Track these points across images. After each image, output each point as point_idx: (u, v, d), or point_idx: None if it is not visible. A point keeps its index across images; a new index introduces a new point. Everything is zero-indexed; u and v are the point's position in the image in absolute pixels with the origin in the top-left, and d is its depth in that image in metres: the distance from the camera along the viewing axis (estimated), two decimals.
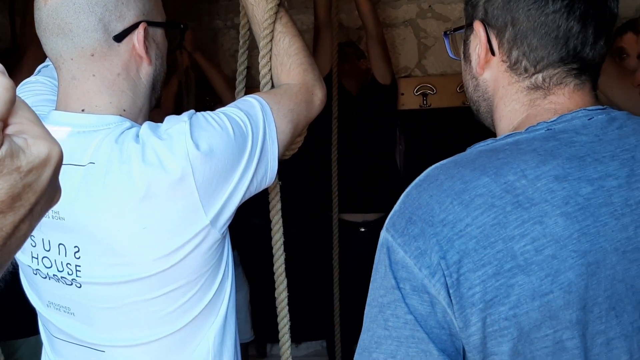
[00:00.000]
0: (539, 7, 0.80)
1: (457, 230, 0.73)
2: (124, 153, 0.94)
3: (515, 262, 0.72)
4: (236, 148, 0.99)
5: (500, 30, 0.83)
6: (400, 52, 3.40)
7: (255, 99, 1.09)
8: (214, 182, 0.96)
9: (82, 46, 0.98)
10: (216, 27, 3.45)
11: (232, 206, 1.01)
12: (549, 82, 0.82)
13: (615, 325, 0.75)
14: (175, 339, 1.04)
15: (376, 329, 0.78)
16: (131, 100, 1.02)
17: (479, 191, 0.74)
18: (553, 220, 0.73)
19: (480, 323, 0.73)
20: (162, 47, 1.08)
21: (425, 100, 3.34)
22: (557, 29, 0.79)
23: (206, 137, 0.96)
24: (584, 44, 0.80)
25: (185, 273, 1.00)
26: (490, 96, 0.88)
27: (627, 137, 0.80)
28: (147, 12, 1.03)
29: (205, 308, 1.05)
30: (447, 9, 3.34)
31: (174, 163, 0.93)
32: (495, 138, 0.83)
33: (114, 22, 0.98)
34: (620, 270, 0.75)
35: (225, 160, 0.98)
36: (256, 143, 1.03)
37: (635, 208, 0.76)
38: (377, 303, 0.79)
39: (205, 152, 0.95)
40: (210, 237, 0.99)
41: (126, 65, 1.01)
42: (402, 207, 0.79)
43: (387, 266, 0.78)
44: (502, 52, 0.84)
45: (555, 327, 0.72)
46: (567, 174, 0.75)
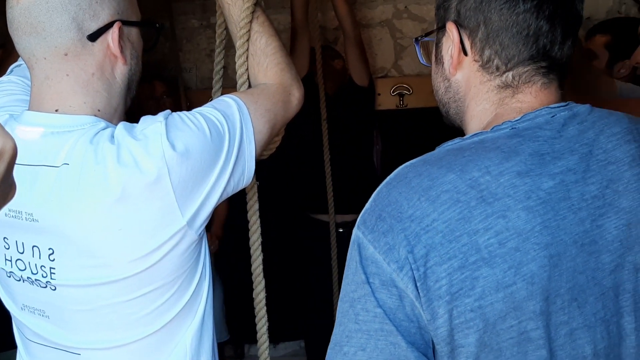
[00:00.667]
0: (510, 7, 0.82)
1: (424, 225, 0.76)
2: (99, 154, 0.93)
3: (479, 255, 0.74)
4: (213, 148, 0.99)
5: (472, 30, 0.85)
6: (376, 53, 3.42)
7: (232, 98, 1.09)
8: (190, 183, 0.96)
9: (55, 45, 0.97)
10: (192, 27, 3.43)
11: (209, 207, 1.01)
12: (518, 81, 0.85)
13: (578, 316, 0.78)
14: (152, 341, 1.03)
15: (347, 323, 0.80)
16: (106, 100, 1.01)
17: (445, 187, 0.77)
18: (515, 214, 0.76)
19: (447, 315, 0.75)
20: (138, 47, 1.07)
21: (402, 100, 3.36)
22: (527, 28, 0.82)
23: (182, 137, 0.96)
24: (552, 42, 0.83)
25: (162, 275, 0.99)
26: (462, 97, 0.90)
27: (586, 132, 0.82)
28: (121, 12, 1.02)
29: (183, 309, 1.04)
30: (423, 9, 3.37)
31: (149, 164, 0.92)
32: (462, 137, 0.85)
33: (88, 21, 0.97)
34: (580, 263, 0.78)
35: (202, 161, 0.97)
36: (233, 143, 1.03)
37: (591, 202, 0.79)
38: (348, 298, 0.81)
39: (181, 152, 0.94)
40: (187, 238, 0.99)
41: (101, 65, 1.00)
42: (372, 205, 0.82)
43: (358, 262, 0.80)
44: (474, 52, 0.86)
45: (520, 317, 0.75)
46: (529, 170, 0.78)
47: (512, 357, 0.76)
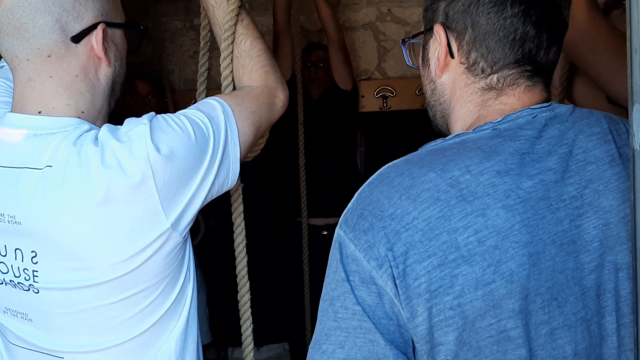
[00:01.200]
0: (498, 11, 0.83)
1: (405, 224, 0.76)
2: (83, 156, 0.93)
3: (459, 253, 0.75)
4: (197, 151, 0.99)
5: (460, 33, 0.86)
6: (360, 55, 3.43)
7: (217, 100, 1.08)
8: (174, 186, 0.95)
9: (38, 47, 0.96)
10: (175, 28, 3.41)
11: (193, 209, 1.01)
12: (503, 83, 0.86)
13: (558, 315, 0.78)
14: (136, 343, 1.03)
15: (326, 321, 0.81)
16: (89, 102, 1.01)
17: (425, 186, 0.78)
18: (495, 213, 0.76)
19: (426, 313, 0.75)
20: (122, 49, 1.06)
21: (385, 102, 3.38)
22: (514, 32, 0.83)
23: (167, 139, 0.96)
24: (538, 47, 0.84)
25: (146, 277, 0.98)
26: (447, 99, 0.91)
27: (566, 132, 0.83)
28: (105, 13, 1.01)
29: (167, 312, 1.04)
30: (406, 12, 3.39)
31: (133, 166, 0.92)
32: (444, 138, 0.86)
33: (72, 23, 0.97)
34: (559, 262, 0.78)
35: (187, 163, 0.97)
36: (218, 145, 1.03)
37: (569, 202, 0.80)
38: (328, 297, 0.82)
39: (165, 155, 0.94)
40: (171, 241, 0.99)
41: (84, 67, 0.99)
42: (354, 204, 0.82)
43: (339, 260, 0.80)
44: (461, 54, 0.87)
45: (499, 316, 0.76)
46: (509, 169, 0.79)
47: (492, 355, 0.77)
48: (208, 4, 1.21)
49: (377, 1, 3.41)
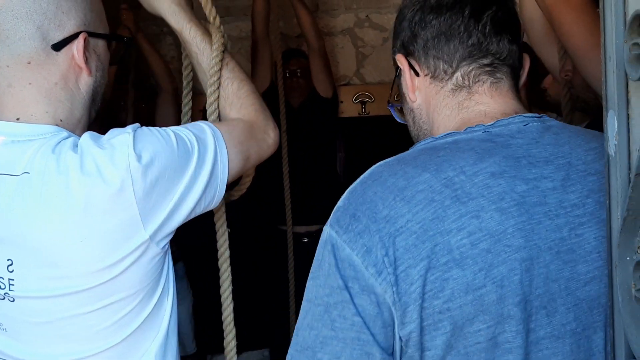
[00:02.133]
0: (437, 15, 0.88)
1: (399, 227, 0.76)
2: (61, 163, 0.92)
3: (451, 255, 0.74)
4: (179, 163, 0.98)
5: (416, 51, 0.91)
6: (339, 61, 3.44)
7: (207, 124, 1.07)
8: (153, 196, 0.94)
9: (18, 53, 0.95)
10: (152, 33, 3.39)
11: (173, 223, 1.00)
12: (469, 80, 0.88)
13: (546, 325, 0.77)
14: (112, 354, 1.01)
15: (321, 329, 0.78)
16: (69, 110, 1.00)
17: (420, 187, 0.77)
18: (489, 215, 0.76)
19: (418, 319, 0.75)
20: (104, 59, 1.06)
21: (364, 108, 3.39)
22: (457, 27, 0.87)
23: (149, 149, 0.95)
24: (485, 36, 0.87)
25: (124, 287, 0.97)
26: (425, 117, 0.92)
27: (561, 146, 0.84)
28: (88, 23, 1.01)
29: (144, 323, 1.02)
30: (384, 19, 3.41)
31: (113, 173, 0.91)
32: (435, 136, 0.87)
33: (53, 31, 0.96)
34: (553, 270, 0.77)
35: (167, 175, 0.96)
36: (203, 163, 1.01)
37: (570, 210, 0.79)
38: (321, 302, 0.79)
39: (146, 164, 0.93)
40: (149, 252, 0.97)
41: (64, 75, 0.99)
42: (346, 203, 0.81)
43: (333, 265, 0.78)
44: (422, 68, 0.90)
45: (488, 322, 0.75)
46: (504, 171, 0.79)
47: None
48: (191, 50, 1.19)
49: (355, 7, 3.43)
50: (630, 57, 0.64)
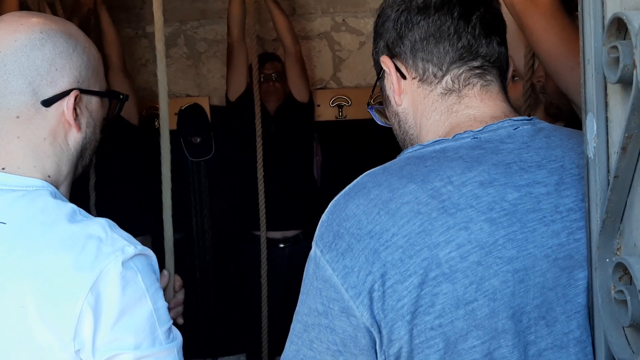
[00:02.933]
0: (425, 17, 0.85)
1: (383, 242, 0.73)
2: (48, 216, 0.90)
3: (440, 270, 0.71)
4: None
5: (403, 52, 0.87)
6: (315, 64, 3.44)
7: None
8: (101, 332, 0.87)
9: (7, 107, 0.95)
10: (127, 36, 3.35)
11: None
12: (458, 84, 0.85)
13: (547, 335, 0.75)
14: None
15: (301, 347, 0.78)
16: (56, 166, 0.99)
17: (405, 199, 0.75)
18: (478, 226, 0.73)
19: (407, 336, 0.72)
20: (96, 116, 1.04)
21: (341, 111, 3.39)
22: (447, 29, 0.85)
23: (128, 288, 0.89)
24: (475, 38, 0.85)
25: None
26: (412, 122, 0.89)
27: (553, 149, 0.82)
28: (82, 80, 1.00)
29: None
30: (361, 22, 3.42)
31: (89, 267, 0.87)
32: (423, 144, 0.84)
33: (45, 87, 0.96)
34: (550, 278, 0.74)
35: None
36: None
37: (567, 215, 0.77)
38: (301, 319, 0.79)
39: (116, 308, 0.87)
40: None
41: (53, 131, 0.98)
42: (329, 218, 0.78)
43: (314, 284, 0.77)
44: (410, 71, 0.87)
45: (482, 337, 0.72)
46: (493, 180, 0.76)
47: None
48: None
49: (332, 11, 3.43)
50: (608, 60, 0.64)
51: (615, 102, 0.67)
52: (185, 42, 3.46)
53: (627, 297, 0.63)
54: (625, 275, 0.65)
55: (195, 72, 3.46)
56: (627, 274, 0.64)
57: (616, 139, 0.66)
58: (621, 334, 0.67)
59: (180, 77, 3.42)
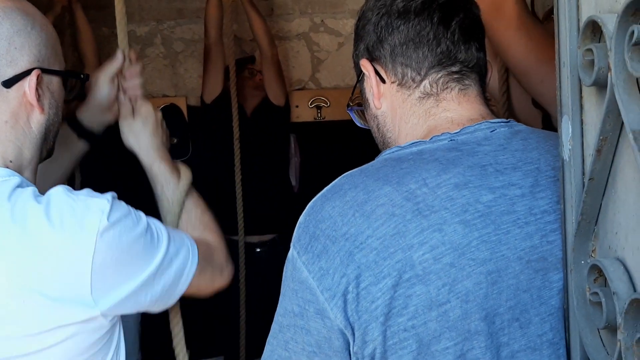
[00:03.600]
0: (405, 21, 0.86)
1: (358, 243, 0.73)
2: (17, 212, 0.87)
3: (413, 271, 0.72)
4: (144, 252, 0.94)
5: (382, 56, 0.88)
6: (294, 65, 3.43)
7: (188, 238, 1.04)
8: (110, 274, 0.89)
9: None
10: (103, 35, 3.30)
11: (127, 309, 0.94)
12: (437, 88, 0.86)
13: (520, 337, 0.75)
14: None
15: (276, 347, 0.79)
16: (18, 150, 0.95)
17: (380, 201, 0.75)
18: (452, 228, 0.73)
19: (381, 337, 0.72)
20: (58, 96, 1.01)
21: (320, 112, 3.38)
22: (426, 34, 0.85)
23: (120, 225, 0.90)
24: (454, 44, 0.85)
25: (63, 357, 0.90)
26: (390, 125, 0.90)
27: (530, 151, 0.83)
28: (42, 59, 0.96)
29: None
30: (339, 24, 3.42)
31: (78, 234, 0.87)
32: (401, 145, 0.84)
33: (4, 67, 0.92)
34: (524, 280, 0.75)
35: (130, 258, 0.92)
36: (168, 265, 0.97)
37: (541, 217, 0.78)
38: (278, 320, 0.80)
39: (112, 238, 0.89)
40: (95, 324, 0.91)
41: (15, 113, 0.94)
42: (306, 219, 0.79)
43: (290, 286, 0.78)
44: (389, 75, 0.88)
45: (455, 339, 0.72)
46: (468, 182, 0.77)
47: None
48: (157, 182, 1.20)
49: (310, 12, 3.43)
50: (583, 63, 0.65)
51: (590, 105, 0.67)
52: (162, 42, 3.42)
53: (601, 299, 0.63)
54: (600, 277, 0.65)
55: (172, 72, 3.43)
56: (601, 275, 0.65)
57: (591, 141, 0.66)
58: (596, 336, 0.68)
59: (157, 77, 3.39)
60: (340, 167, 0.96)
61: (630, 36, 0.55)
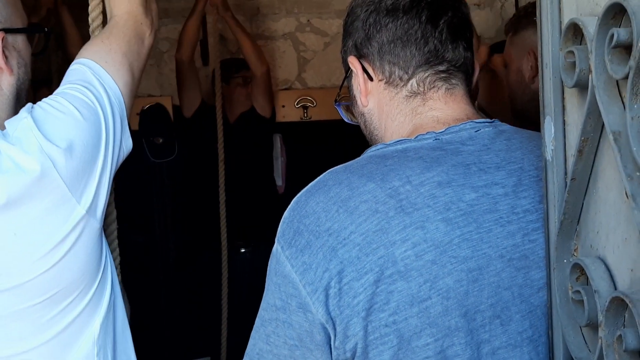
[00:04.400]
0: (393, 19, 0.86)
1: (341, 239, 0.74)
2: None
3: (395, 268, 0.73)
4: (92, 129, 0.94)
5: (370, 54, 0.88)
6: (280, 65, 3.43)
7: (82, 64, 1.01)
8: (80, 172, 0.91)
9: None
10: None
11: (104, 188, 0.96)
12: (424, 87, 0.86)
13: (501, 334, 0.76)
14: (61, 339, 0.96)
15: (257, 340, 0.80)
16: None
17: (364, 197, 0.76)
18: (434, 226, 0.74)
19: (362, 332, 0.73)
20: (25, 54, 1.00)
21: (306, 112, 3.38)
22: (414, 33, 0.86)
23: (55, 127, 0.91)
24: (442, 43, 0.86)
25: (70, 272, 0.93)
26: (377, 123, 0.90)
27: (514, 151, 0.84)
28: (4, 19, 0.95)
29: (91, 302, 0.98)
30: (325, 23, 3.42)
31: (30, 161, 0.88)
32: (386, 143, 0.85)
33: None
34: (505, 278, 0.76)
35: (86, 147, 0.92)
36: (106, 111, 0.97)
37: (523, 216, 0.79)
38: (260, 314, 0.80)
39: (58, 142, 0.90)
40: (90, 227, 0.94)
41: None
42: (291, 214, 0.79)
43: (273, 280, 0.79)
44: (377, 73, 0.88)
45: (436, 335, 0.73)
46: (451, 180, 0.77)
47: None
48: None
49: (297, 12, 3.43)
50: (565, 65, 0.66)
51: (572, 106, 0.68)
52: None
53: (583, 297, 0.64)
54: (582, 275, 0.66)
55: (157, 71, 3.41)
56: (583, 274, 0.66)
57: (573, 141, 0.67)
58: (579, 333, 0.69)
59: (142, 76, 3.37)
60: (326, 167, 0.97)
61: (610, 39, 0.56)
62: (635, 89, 0.54)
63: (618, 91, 0.59)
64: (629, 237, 0.59)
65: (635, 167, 0.55)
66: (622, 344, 0.57)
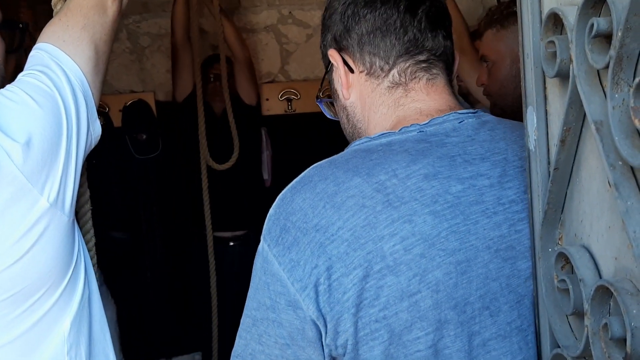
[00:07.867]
0: (371, 10, 0.86)
1: (329, 235, 0.74)
2: None
3: (384, 262, 0.72)
4: (49, 115, 0.91)
5: (350, 46, 0.88)
6: (262, 58, 3.41)
7: (40, 48, 0.98)
8: (39, 161, 0.89)
9: None
10: None
11: (71, 178, 0.94)
12: (405, 77, 0.86)
13: (491, 325, 0.76)
14: (31, 335, 0.94)
15: (250, 341, 0.79)
16: None
17: (350, 192, 0.75)
18: (422, 219, 0.74)
19: (352, 328, 0.73)
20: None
21: (290, 105, 3.37)
22: (393, 22, 0.85)
23: (9, 118, 0.89)
24: (421, 32, 0.86)
25: (37, 266, 0.91)
26: (360, 116, 0.90)
27: (497, 142, 0.84)
28: None
29: (61, 296, 0.96)
30: (307, 15, 3.40)
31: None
32: (370, 136, 0.84)
33: None
34: (493, 269, 0.76)
35: (42, 134, 0.90)
36: (66, 97, 0.94)
37: (509, 207, 0.79)
38: (250, 314, 0.79)
39: (13, 133, 0.87)
40: (56, 220, 0.91)
41: None
42: (277, 211, 0.79)
43: (262, 279, 0.78)
44: (357, 64, 0.88)
45: (426, 328, 0.73)
46: (437, 172, 0.77)
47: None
48: None
49: (278, 4, 3.40)
50: (546, 55, 0.66)
51: (553, 96, 0.68)
52: (128, 37, 3.37)
53: (569, 286, 0.64)
54: (567, 264, 0.67)
55: (139, 67, 3.38)
56: (568, 263, 0.66)
57: (556, 131, 0.67)
58: (565, 322, 0.69)
59: (123, 72, 3.33)
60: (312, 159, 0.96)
61: (590, 29, 0.56)
62: (616, 78, 0.54)
63: (599, 81, 0.59)
64: (613, 225, 0.60)
65: (617, 156, 0.56)
66: (608, 332, 0.57)
